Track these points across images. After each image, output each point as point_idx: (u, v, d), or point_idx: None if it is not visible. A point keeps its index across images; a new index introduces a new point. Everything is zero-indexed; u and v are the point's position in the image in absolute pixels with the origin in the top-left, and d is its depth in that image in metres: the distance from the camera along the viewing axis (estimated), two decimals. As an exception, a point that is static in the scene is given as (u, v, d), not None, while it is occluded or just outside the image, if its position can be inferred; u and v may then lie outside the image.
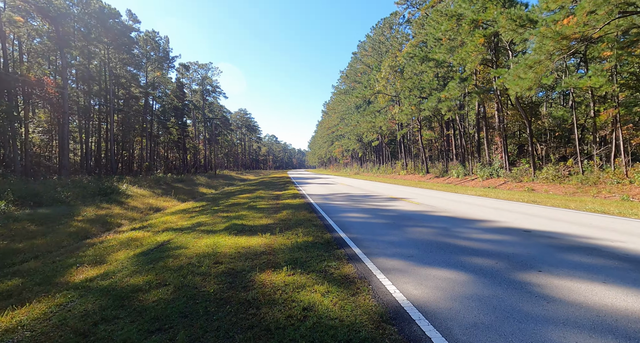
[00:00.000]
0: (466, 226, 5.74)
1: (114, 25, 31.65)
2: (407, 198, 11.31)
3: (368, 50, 42.23)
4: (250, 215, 8.44)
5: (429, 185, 19.72)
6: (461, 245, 4.50)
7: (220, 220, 7.95)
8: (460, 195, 12.30)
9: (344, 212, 8.23)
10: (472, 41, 18.01)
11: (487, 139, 23.06)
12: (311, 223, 6.65)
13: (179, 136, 50.11)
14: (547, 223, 5.90)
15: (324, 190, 16.19)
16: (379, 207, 8.94)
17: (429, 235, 5.20)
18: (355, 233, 5.55)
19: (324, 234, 5.56)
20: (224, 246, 5.02)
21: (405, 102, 27.40)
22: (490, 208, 8.17)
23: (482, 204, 9.18)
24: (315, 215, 7.80)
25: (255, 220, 7.59)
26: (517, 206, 8.63)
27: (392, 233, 5.41)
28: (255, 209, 9.65)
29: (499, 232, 5.22)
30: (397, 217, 7.08)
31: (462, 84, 20.78)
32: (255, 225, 6.81)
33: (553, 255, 3.80)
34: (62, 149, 23.64)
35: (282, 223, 6.93)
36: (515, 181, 18.28)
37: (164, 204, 14.79)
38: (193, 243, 5.45)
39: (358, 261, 3.91)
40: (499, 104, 21.37)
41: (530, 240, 4.59)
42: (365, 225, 6.28)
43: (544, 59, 12.44)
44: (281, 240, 5.24)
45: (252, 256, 4.36)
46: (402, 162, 39.38)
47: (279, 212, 8.57)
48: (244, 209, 9.62)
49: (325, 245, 4.76)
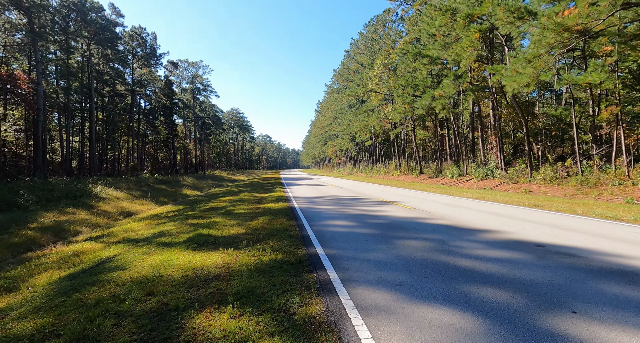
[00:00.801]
0: (467, 239, 4.86)
1: (96, 19, 30.23)
2: (399, 201, 10.45)
3: (361, 48, 41.42)
4: (223, 222, 7.46)
5: (422, 186, 18.94)
6: (463, 266, 3.61)
7: (186, 228, 6.96)
8: (456, 198, 11.49)
9: (327, 219, 7.31)
10: (467, 36, 17.28)
11: (482, 138, 22.41)
12: (287, 234, 5.71)
13: (168, 135, 48.68)
14: (560, 233, 5.07)
15: (311, 192, 15.26)
16: (368, 212, 8.04)
17: (424, 250, 4.31)
18: (335, 248, 4.63)
19: (298, 249, 4.63)
20: (173, 266, 4.06)
21: (399, 100, 26.64)
22: (491, 214, 7.33)
23: (481, 208, 8.35)
24: (294, 223, 6.86)
25: (226, 228, 6.62)
26: (519, 211, 7.82)
27: (379, 248, 4.50)
28: (231, 215, 8.66)
29: (506, 247, 4.35)
30: (387, 225, 6.19)
31: (456, 81, 20.05)
32: (222, 236, 5.85)
33: (584, 284, 2.94)
34: (37, 149, 22.25)
35: (254, 233, 5.98)
36: (512, 182, 17.61)
37: (138, 208, 13.70)
38: (139, 261, 4.47)
39: (331, 294, 2.99)
40: (494, 102, 20.72)
41: (548, 259, 3.72)
42: (349, 236, 5.36)
43: (543, 52, 11.71)
44: (244, 257, 4.30)
45: (200, 283, 3.41)
46: (395, 162, 38.67)
47: (256, 219, 7.61)
48: (219, 215, 8.63)
49: (295, 266, 3.82)
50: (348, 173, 55.94)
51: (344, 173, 56.30)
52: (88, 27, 28.96)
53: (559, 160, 17.55)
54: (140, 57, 41.08)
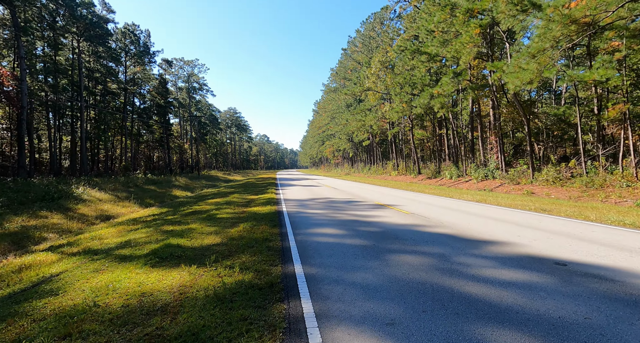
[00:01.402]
0: (472, 253, 4.15)
1: (85, 14, 29.34)
2: (396, 204, 9.74)
3: (358, 46, 40.72)
4: (200, 229, 6.72)
5: (420, 188, 18.26)
6: (471, 294, 2.90)
7: (157, 237, 6.22)
8: (456, 201, 10.80)
9: (315, 226, 6.58)
10: (467, 32, 16.61)
11: (482, 138, 21.78)
12: (266, 245, 4.98)
13: (162, 134, 47.79)
14: (580, 247, 4.37)
15: (304, 194, 14.53)
16: (361, 218, 7.32)
17: (422, 269, 3.59)
18: (317, 265, 3.90)
19: (273, 266, 3.90)
20: (118, 290, 3.32)
21: (396, 99, 25.96)
22: (495, 221, 6.63)
23: (484, 213, 7.65)
24: (277, 231, 6.14)
25: (200, 238, 5.88)
26: (526, 217, 7.13)
27: (369, 266, 3.78)
28: (212, 220, 7.92)
29: (520, 264, 3.64)
30: (381, 235, 5.47)
31: (455, 79, 19.39)
32: (192, 247, 5.11)
33: (633, 327, 2.23)
34: (20, 148, 21.36)
35: (230, 244, 5.24)
36: (513, 183, 16.97)
37: (119, 211, 12.92)
38: (82, 282, 3.73)
39: (300, 339, 2.26)
40: (494, 101, 20.08)
41: (576, 284, 3.02)
42: (336, 249, 4.64)
43: (548, 46, 11.05)
44: (207, 278, 3.57)
45: (139, 319, 2.68)
46: (393, 162, 38.02)
47: (237, 225, 6.88)
48: (199, 221, 7.89)
49: (264, 292, 3.10)
50: (345, 173, 55.27)
51: (341, 173, 55.61)
52: (77, 23, 28.07)
53: (562, 161, 16.92)
54: (134, 54, 40.18)
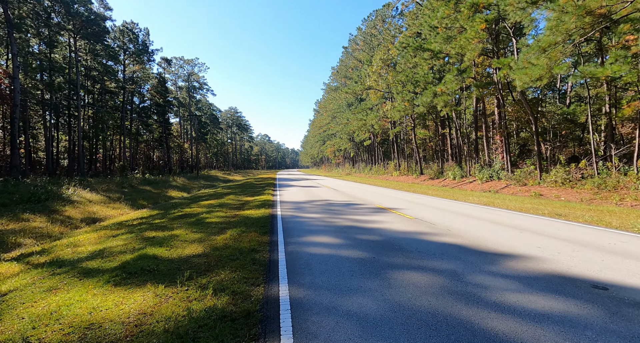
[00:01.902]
0: (489, 271, 3.54)
1: (82, 12, 28.81)
2: (398, 208, 9.12)
3: (359, 44, 40.06)
4: (184, 236, 6.14)
5: (423, 189, 17.63)
6: (498, 332, 2.28)
7: (136, 244, 5.64)
8: (462, 204, 10.17)
9: (309, 233, 5.98)
10: (472, 27, 15.96)
11: (487, 138, 21.11)
12: (251, 257, 4.38)
13: (162, 134, 47.33)
14: (617, 263, 3.74)
15: (302, 196, 13.93)
16: (360, 224, 6.71)
17: (431, 293, 2.98)
18: (307, 286, 3.30)
19: (255, 287, 3.31)
20: (62, 320, 2.74)
21: (398, 97, 25.31)
22: (509, 227, 6.01)
23: (494, 219, 7.03)
24: (267, 239, 5.54)
25: (181, 246, 5.29)
26: (541, 223, 6.50)
27: (367, 288, 3.17)
28: (200, 225, 7.34)
29: (552, 288, 3.02)
30: (382, 245, 4.86)
31: (459, 76, 18.74)
32: (169, 259, 4.52)
33: None
34: (13, 148, 20.83)
35: (212, 255, 4.65)
36: (519, 185, 16.31)
37: (109, 213, 12.36)
38: (26, 306, 3.15)
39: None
40: (499, 99, 19.41)
41: (630, 320, 2.40)
42: (331, 263, 4.04)
43: (560, 40, 10.40)
44: (173, 303, 2.97)
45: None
46: (395, 162, 37.38)
47: (224, 232, 6.29)
48: (186, 226, 7.31)
49: (237, 326, 2.50)
50: (346, 173, 54.66)
51: (342, 173, 55.00)
52: (73, 20, 27.56)
53: (571, 161, 16.26)
54: (132, 53, 39.68)
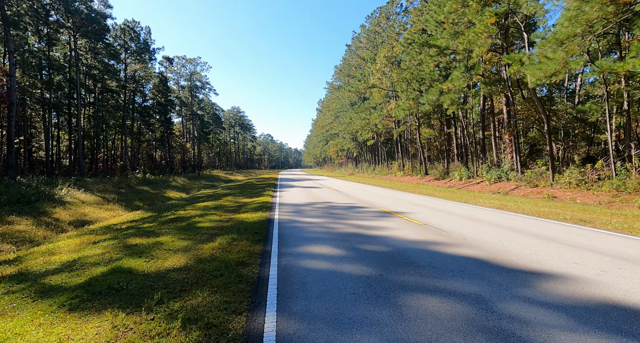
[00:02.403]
0: (524, 296, 2.89)
1: (81, 9, 28.43)
2: (405, 212, 8.47)
3: (363, 42, 39.35)
4: (170, 244, 5.55)
5: (429, 190, 16.94)
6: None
7: (114, 254, 5.07)
8: (473, 207, 9.49)
9: (308, 242, 5.35)
10: (481, 21, 15.25)
11: (495, 137, 20.35)
12: (238, 273, 3.78)
13: (163, 133, 47.01)
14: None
15: (303, 197, 13.32)
16: (364, 231, 6.08)
17: (456, 330, 2.35)
18: (299, 317, 2.68)
19: (237, 316, 2.69)
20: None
21: (403, 96, 24.61)
22: (531, 236, 5.35)
23: (512, 225, 6.36)
24: (260, 249, 4.93)
25: (162, 257, 4.70)
26: (567, 231, 5.82)
27: (374, 320, 2.55)
28: (190, 230, 6.75)
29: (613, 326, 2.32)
30: (389, 258, 4.23)
31: (467, 73, 18.02)
32: (143, 274, 3.93)
33: None
34: (9, 147, 20.45)
35: (195, 268, 4.05)
36: (530, 186, 15.59)
37: (101, 215, 11.84)
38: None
39: None
40: (508, 97, 18.66)
41: None
42: (330, 282, 3.41)
43: (580, 32, 9.69)
44: (130, 339, 2.37)
45: None
46: (398, 162, 36.66)
47: (214, 239, 5.70)
48: (175, 231, 6.73)
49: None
50: (349, 173, 54.00)
51: (345, 173, 54.35)
52: (72, 17, 27.19)
53: (586, 161, 15.48)
54: (133, 52, 39.33)
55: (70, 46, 29.33)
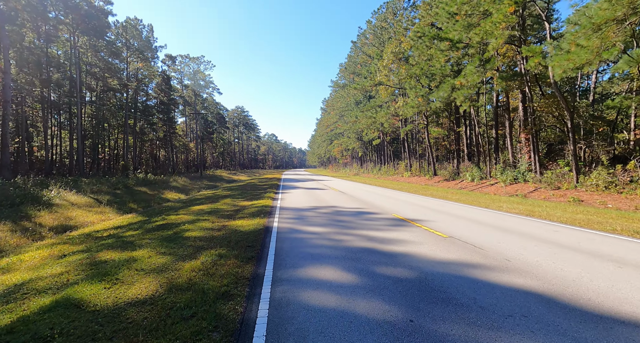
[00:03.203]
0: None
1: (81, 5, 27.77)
2: (422, 219, 7.43)
3: (369, 38, 38.22)
4: (146, 259, 4.61)
5: (441, 192, 15.83)
6: None
7: (75, 274, 4.14)
8: (497, 213, 8.41)
9: (311, 261, 4.36)
10: (499, 10, 14.11)
11: (510, 136, 19.16)
12: (216, 313, 2.80)
13: (166, 133, 46.43)
14: None
15: (306, 200, 12.32)
16: (379, 246, 5.06)
17: None
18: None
19: None
20: None
21: (411, 93, 23.48)
22: (595, 257, 4.29)
23: (558, 240, 5.30)
24: (250, 271, 3.95)
25: (130, 280, 3.75)
26: (633, 248, 4.75)
27: None
28: (174, 241, 5.81)
29: None
30: (417, 289, 3.22)
31: (482, 67, 16.86)
32: (95, 310, 2.98)
33: None
34: (4, 146, 19.77)
35: (164, 300, 3.09)
36: (551, 188, 14.42)
37: (88, 219, 10.98)
38: None
39: None
40: (525, 93, 17.47)
41: None
42: (341, 336, 2.42)
43: (621, 14, 8.55)
44: None
45: None
46: (405, 163, 35.49)
47: (198, 255, 4.74)
48: (156, 242, 5.79)
49: None
50: (354, 173, 52.92)
51: (350, 174, 53.27)
52: (71, 13, 26.56)
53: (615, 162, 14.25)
54: (135, 49, 38.70)
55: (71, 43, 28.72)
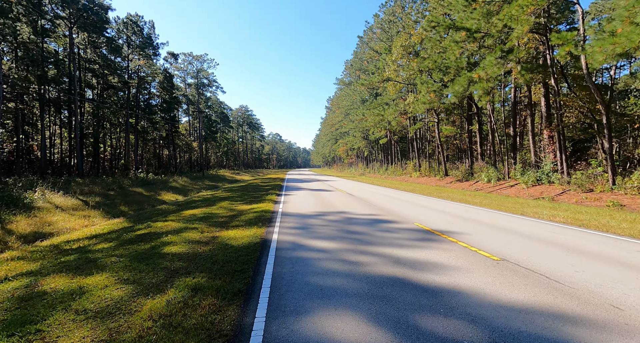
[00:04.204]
0: None
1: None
2: (454, 232, 6.12)
3: (377, 33, 36.81)
4: (98, 292, 3.39)
5: (458, 194, 14.46)
6: None
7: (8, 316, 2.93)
8: (541, 224, 7.06)
9: (319, 301, 3.09)
10: (526, -8, 12.69)
11: (533, 133, 17.69)
12: None
13: (168, 132, 45.54)
14: None
15: (311, 204, 11.06)
16: (411, 274, 3.76)
17: None
18: None
19: None
20: None
21: (423, 88, 22.07)
22: None
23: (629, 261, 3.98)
24: (234, 318, 2.71)
25: (56, 332, 2.53)
26: None
27: None
28: (148, 260, 4.59)
29: None
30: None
31: (502, 59, 15.44)
32: None
33: None
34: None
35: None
36: (582, 191, 12.97)
37: (69, 225, 9.84)
38: None
39: None
40: (553, 86, 16.00)
41: None
42: None
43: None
44: None
45: None
46: (414, 162, 34.05)
47: (168, 286, 3.51)
48: (126, 262, 4.58)
49: None
50: (360, 173, 51.55)
51: (355, 174, 51.92)
52: (68, 7, 25.62)
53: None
54: (136, 46, 37.80)
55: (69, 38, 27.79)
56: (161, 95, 44.90)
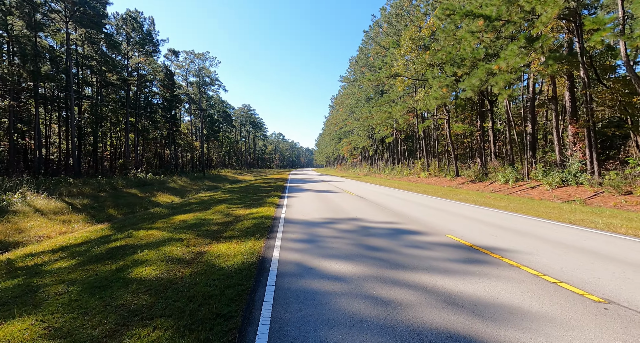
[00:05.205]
0: None
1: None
2: (501, 248, 4.83)
3: (383, 27, 35.46)
4: None
5: (476, 197, 13.12)
6: None
7: None
8: (606, 236, 5.76)
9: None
10: (557, -29, 11.34)
11: (558, 130, 16.29)
12: None
13: (169, 131, 44.56)
14: None
15: (318, 208, 9.80)
16: (479, 330, 2.51)
17: None
18: None
19: None
20: None
21: (434, 83, 20.71)
22: None
23: None
24: None
25: None
26: None
27: None
28: (107, 290, 3.38)
29: None
30: None
31: (527, 48, 14.09)
32: None
33: None
34: (-18, 142, 17.84)
35: None
36: (618, 193, 11.57)
37: (46, 231, 8.70)
38: None
39: None
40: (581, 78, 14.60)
41: None
42: None
43: None
44: None
45: None
46: (422, 162, 32.65)
47: (126, 334, 2.30)
48: (75, 293, 3.38)
49: None
50: (364, 173, 50.20)
51: (360, 174, 50.59)
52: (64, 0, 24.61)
53: None
54: (136, 42, 36.79)
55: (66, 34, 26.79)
56: (162, 93, 43.94)
